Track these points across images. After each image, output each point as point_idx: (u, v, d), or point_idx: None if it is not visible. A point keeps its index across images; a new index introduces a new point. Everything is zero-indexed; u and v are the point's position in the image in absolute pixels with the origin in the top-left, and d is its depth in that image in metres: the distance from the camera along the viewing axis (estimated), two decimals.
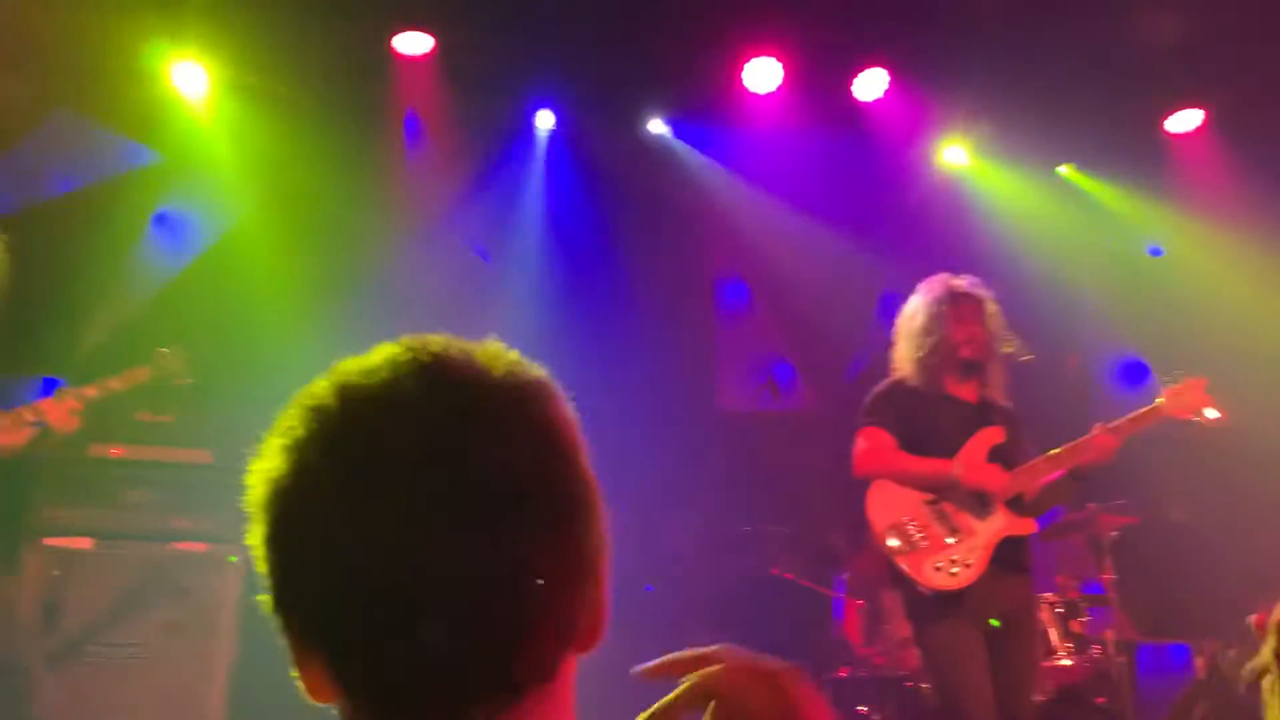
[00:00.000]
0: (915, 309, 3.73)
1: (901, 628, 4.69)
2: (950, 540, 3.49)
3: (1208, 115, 6.11)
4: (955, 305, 3.67)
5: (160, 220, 5.39)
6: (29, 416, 3.41)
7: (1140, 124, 6.20)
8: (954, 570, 3.44)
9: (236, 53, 5.20)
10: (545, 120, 6.02)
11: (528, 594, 0.76)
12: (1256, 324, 6.35)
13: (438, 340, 0.84)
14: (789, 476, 6.44)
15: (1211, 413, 3.64)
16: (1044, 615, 4.55)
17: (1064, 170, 6.71)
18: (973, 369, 3.70)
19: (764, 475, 6.37)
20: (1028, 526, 3.55)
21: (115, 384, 3.53)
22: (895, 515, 3.55)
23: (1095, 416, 3.65)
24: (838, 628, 5.47)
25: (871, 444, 3.64)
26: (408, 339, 0.84)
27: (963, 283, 3.74)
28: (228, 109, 5.39)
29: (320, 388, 0.81)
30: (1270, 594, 2.02)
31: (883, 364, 3.86)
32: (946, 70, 5.63)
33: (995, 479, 3.51)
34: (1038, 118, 6.03)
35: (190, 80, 5.26)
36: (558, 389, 0.85)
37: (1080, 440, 3.59)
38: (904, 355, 3.73)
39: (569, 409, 0.85)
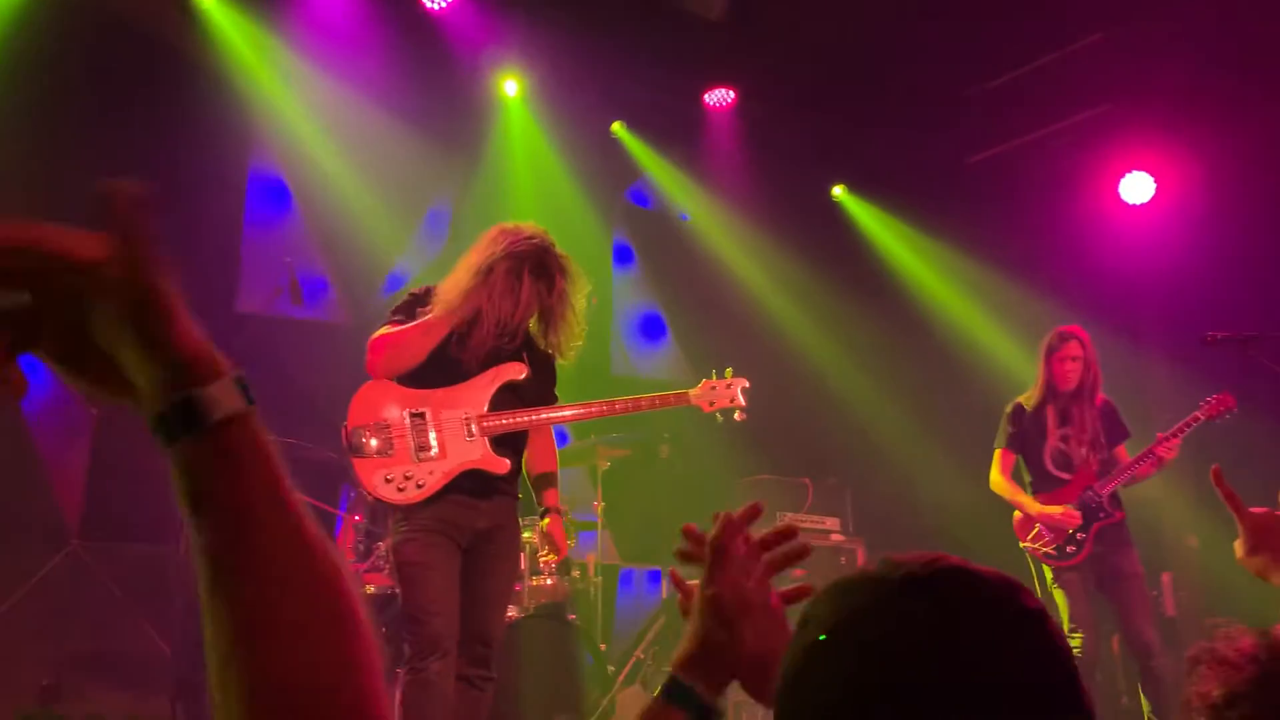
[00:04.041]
0: (492, 252, 3.44)
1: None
2: (416, 457, 3.38)
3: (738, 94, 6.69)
4: (525, 262, 3.45)
5: None
6: None
7: (682, 93, 6.64)
8: (402, 487, 3.35)
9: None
10: None
11: None
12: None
13: None
14: (306, 388, 6.14)
15: (737, 414, 3.78)
16: (534, 536, 4.70)
17: (616, 127, 7.02)
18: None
19: (280, 385, 6.01)
20: (500, 466, 3.47)
21: None
22: (374, 416, 3.40)
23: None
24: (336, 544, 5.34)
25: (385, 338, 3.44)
26: None
27: (543, 241, 3.49)
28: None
29: None
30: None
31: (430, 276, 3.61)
32: None
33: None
34: (593, 68, 6.22)
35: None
36: None
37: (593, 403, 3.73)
38: (455, 285, 3.45)
39: None
